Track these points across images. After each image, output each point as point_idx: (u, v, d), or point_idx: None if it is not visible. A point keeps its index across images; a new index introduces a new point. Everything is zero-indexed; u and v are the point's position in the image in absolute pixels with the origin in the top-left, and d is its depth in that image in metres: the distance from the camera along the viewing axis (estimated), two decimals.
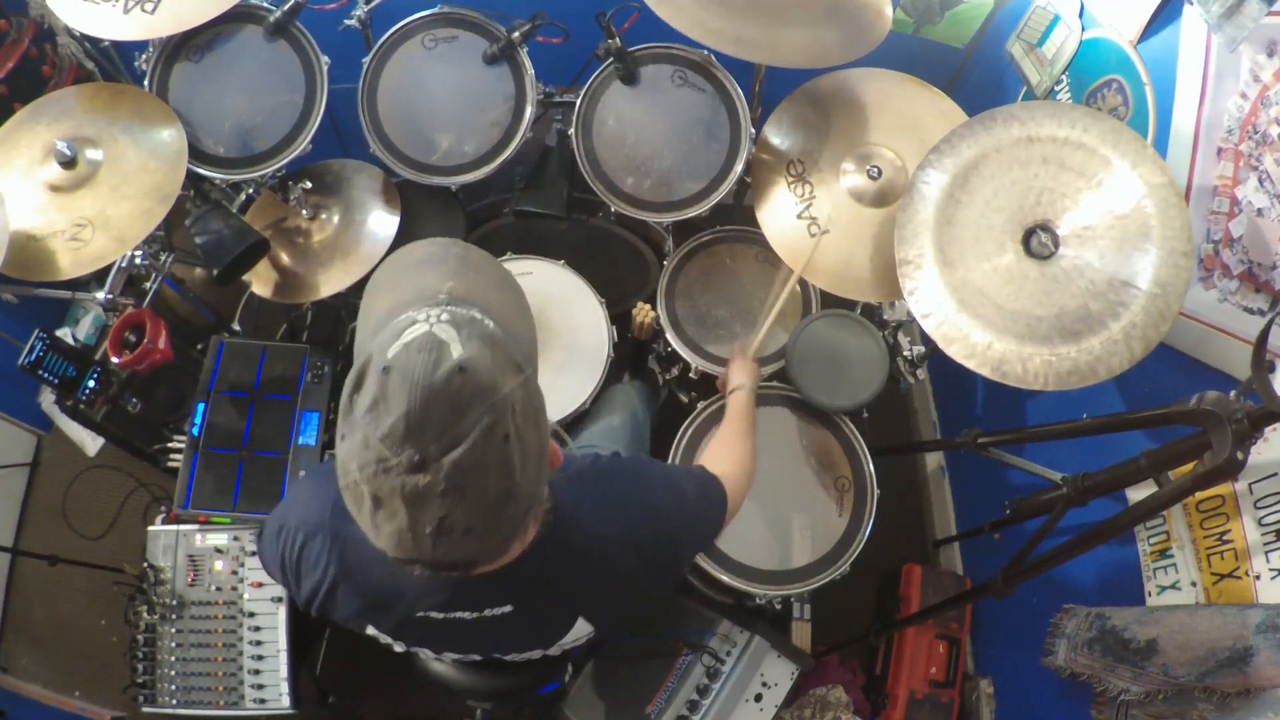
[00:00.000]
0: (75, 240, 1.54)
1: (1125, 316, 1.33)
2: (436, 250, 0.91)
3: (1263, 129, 1.27)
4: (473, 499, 0.69)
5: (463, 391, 0.68)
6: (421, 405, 0.67)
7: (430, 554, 0.71)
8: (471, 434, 0.67)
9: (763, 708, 1.69)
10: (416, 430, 0.67)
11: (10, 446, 2.39)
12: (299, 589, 0.99)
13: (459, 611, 0.92)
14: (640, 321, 1.90)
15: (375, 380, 0.69)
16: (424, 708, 2.14)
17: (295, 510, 0.99)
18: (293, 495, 1.04)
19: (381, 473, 0.68)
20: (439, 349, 0.69)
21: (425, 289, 0.79)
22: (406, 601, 0.92)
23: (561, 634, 1.01)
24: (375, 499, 0.69)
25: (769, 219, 1.70)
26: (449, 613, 0.92)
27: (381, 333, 0.74)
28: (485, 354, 0.71)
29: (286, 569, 0.99)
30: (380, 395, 0.68)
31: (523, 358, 0.76)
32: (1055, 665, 1.60)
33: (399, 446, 0.67)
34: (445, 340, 0.70)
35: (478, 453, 0.68)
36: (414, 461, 0.67)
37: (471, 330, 0.72)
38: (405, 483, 0.67)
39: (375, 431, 0.68)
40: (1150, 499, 1.23)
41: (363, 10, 1.79)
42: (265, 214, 1.86)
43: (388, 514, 0.69)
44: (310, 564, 0.96)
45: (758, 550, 1.67)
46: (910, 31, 2.11)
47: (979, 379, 2.11)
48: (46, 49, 2.08)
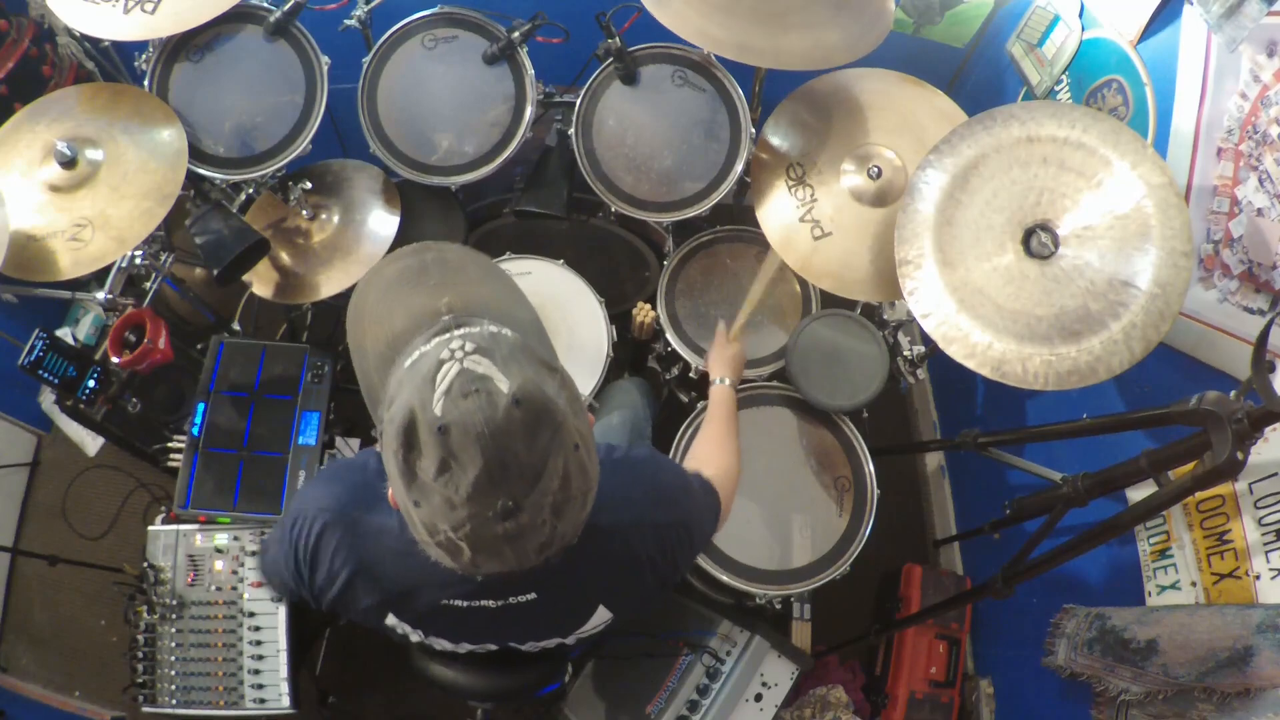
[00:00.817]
0: (75, 240, 1.54)
1: (1125, 316, 1.33)
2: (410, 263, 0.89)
3: (1263, 129, 1.27)
4: (569, 511, 0.71)
5: (526, 424, 0.68)
6: (497, 455, 0.67)
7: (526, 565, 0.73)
8: (549, 459, 0.68)
9: (763, 708, 1.69)
10: (500, 477, 0.67)
11: (10, 446, 2.39)
12: (313, 579, 0.97)
13: (484, 600, 0.92)
14: (640, 321, 1.90)
15: (434, 441, 0.68)
16: (424, 708, 2.14)
17: (312, 502, 0.97)
18: (304, 493, 1.03)
19: (479, 526, 0.68)
20: (485, 386, 0.68)
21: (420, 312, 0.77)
22: (430, 591, 0.92)
23: (582, 622, 1.02)
24: (475, 548, 0.70)
25: (772, 224, 1.70)
26: (474, 601, 0.92)
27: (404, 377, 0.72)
28: (527, 373, 0.70)
29: (300, 561, 0.97)
30: (448, 455, 0.67)
31: (546, 352, 0.77)
32: (1055, 665, 1.60)
33: (489, 499, 0.67)
34: (485, 375, 0.69)
35: (561, 472, 0.69)
36: (509, 508, 0.67)
37: (502, 350, 0.71)
38: (506, 529, 0.68)
39: (457, 493, 0.67)
40: (1150, 499, 1.23)
41: (363, 10, 1.79)
42: (265, 214, 1.86)
43: (489, 555, 0.70)
44: (328, 553, 0.95)
45: (758, 550, 1.67)
46: (910, 31, 2.11)
47: (979, 379, 2.11)
48: (46, 49, 2.08)
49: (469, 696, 1.26)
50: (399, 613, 0.98)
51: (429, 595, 0.93)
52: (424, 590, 0.93)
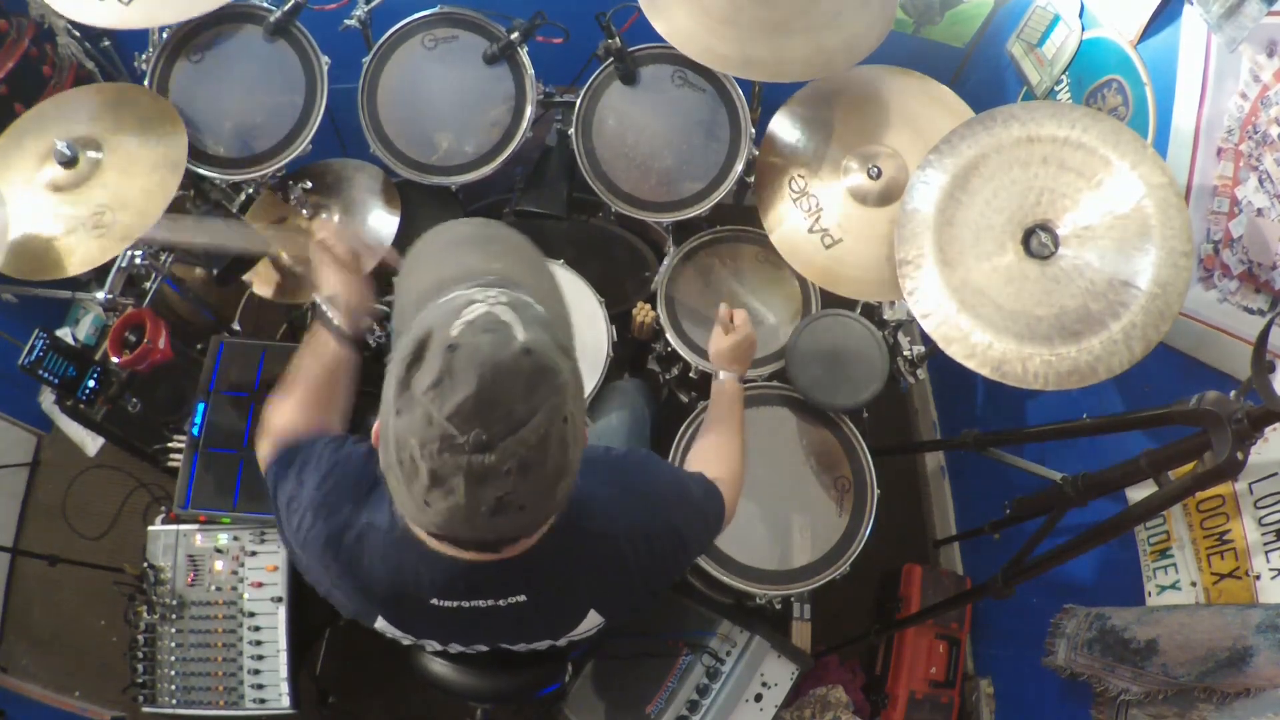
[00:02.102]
0: (99, 227, 1.54)
1: (1125, 316, 1.33)
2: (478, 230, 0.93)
3: (1263, 129, 1.27)
4: (534, 476, 0.70)
5: (530, 373, 0.69)
6: (491, 384, 0.68)
7: (478, 531, 0.72)
8: (538, 414, 0.69)
9: (763, 708, 1.69)
10: (486, 409, 0.67)
11: (10, 446, 2.39)
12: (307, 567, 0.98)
13: (474, 600, 0.92)
14: (640, 321, 1.90)
15: (439, 357, 0.69)
16: (424, 708, 2.14)
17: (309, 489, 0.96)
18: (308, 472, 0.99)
19: (446, 450, 0.68)
20: (504, 330, 0.70)
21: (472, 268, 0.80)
22: (418, 589, 0.92)
23: (572, 625, 1.01)
24: (434, 475, 0.69)
25: (783, 241, 1.69)
26: (463, 601, 0.92)
27: (434, 308, 0.74)
28: (545, 338, 0.72)
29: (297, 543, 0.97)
30: (446, 372, 0.68)
31: (568, 342, 0.79)
32: (1055, 665, 1.60)
33: (466, 425, 0.67)
34: (508, 322, 0.71)
35: (544, 431, 0.69)
36: (481, 441, 0.67)
37: (529, 314, 0.73)
38: (471, 461, 0.68)
39: (440, 409, 0.68)
40: (1150, 499, 1.23)
41: (363, 10, 1.79)
42: (265, 213, 1.86)
43: (444, 491, 0.69)
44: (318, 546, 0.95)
45: (758, 550, 1.67)
46: (910, 31, 2.11)
47: (979, 379, 2.11)
48: (46, 49, 2.08)
49: (469, 697, 1.26)
50: (386, 614, 0.97)
51: (417, 594, 0.92)
52: (412, 588, 0.92)
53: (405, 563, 0.90)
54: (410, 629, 1.00)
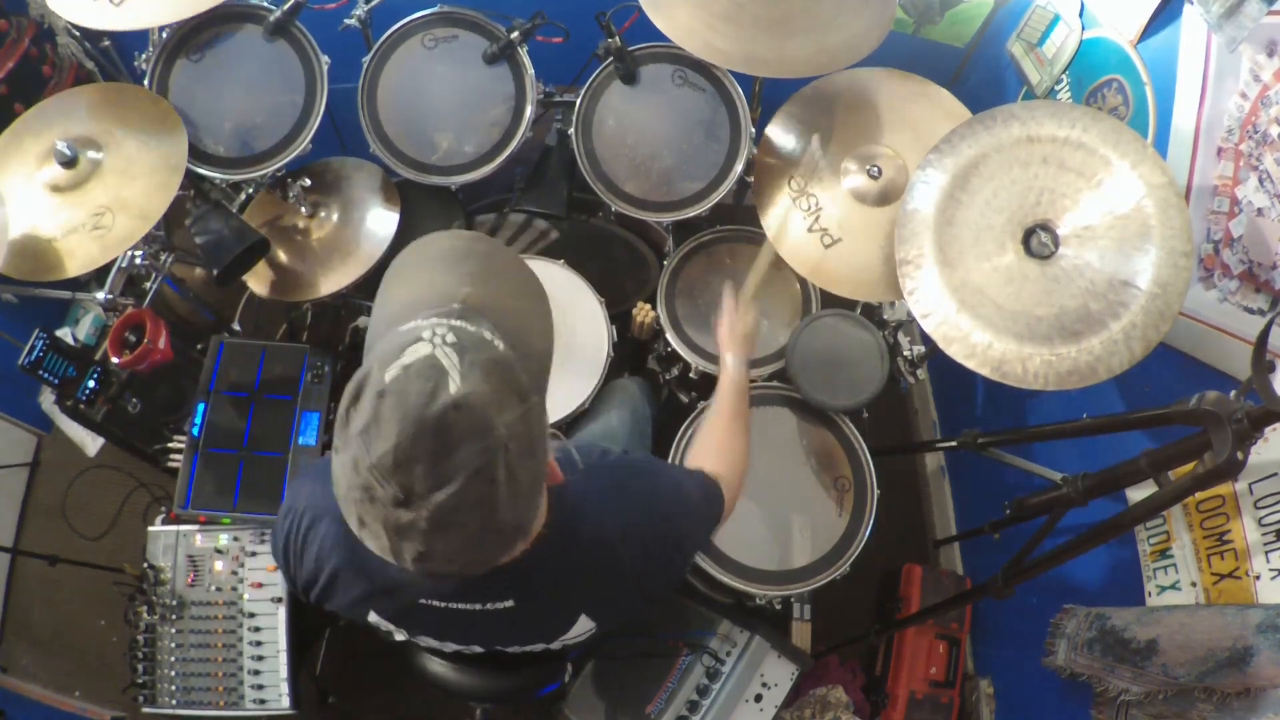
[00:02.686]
0: (99, 228, 1.55)
1: (1125, 316, 1.33)
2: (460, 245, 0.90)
3: (1263, 129, 1.27)
4: (454, 536, 0.69)
5: (455, 429, 0.67)
6: (411, 440, 0.66)
7: (413, 574, 0.73)
8: (458, 476, 0.67)
9: (763, 708, 1.69)
10: (405, 465, 0.66)
11: (10, 446, 2.39)
12: (300, 570, 0.99)
13: (461, 603, 0.92)
14: (640, 321, 1.90)
15: (371, 402, 0.68)
16: (424, 708, 2.14)
17: (305, 493, 0.99)
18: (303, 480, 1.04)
19: (367, 500, 0.68)
20: (437, 379, 0.68)
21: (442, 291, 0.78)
22: (409, 589, 0.93)
23: (564, 630, 1.01)
24: (360, 520, 0.71)
25: (782, 240, 1.69)
26: (451, 603, 0.92)
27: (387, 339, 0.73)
28: (484, 388, 0.69)
29: (290, 551, 0.98)
30: (373, 420, 0.67)
31: (530, 382, 0.74)
32: (1055, 665, 1.60)
33: (386, 478, 0.67)
34: (446, 369, 0.68)
35: (462, 495, 0.67)
36: (398, 498, 0.67)
37: (476, 357, 0.70)
38: (389, 515, 0.68)
39: (365, 458, 0.67)
40: (1150, 499, 1.23)
41: (363, 10, 1.79)
42: (264, 211, 1.86)
43: (372, 535, 0.71)
44: (315, 545, 0.96)
45: (758, 550, 1.67)
46: (910, 31, 2.11)
47: (979, 379, 2.11)
48: (46, 49, 2.09)
49: (468, 697, 1.26)
50: (379, 609, 0.98)
51: (408, 592, 0.93)
52: (403, 587, 0.93)
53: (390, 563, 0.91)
54: (402, 624, 1.00)
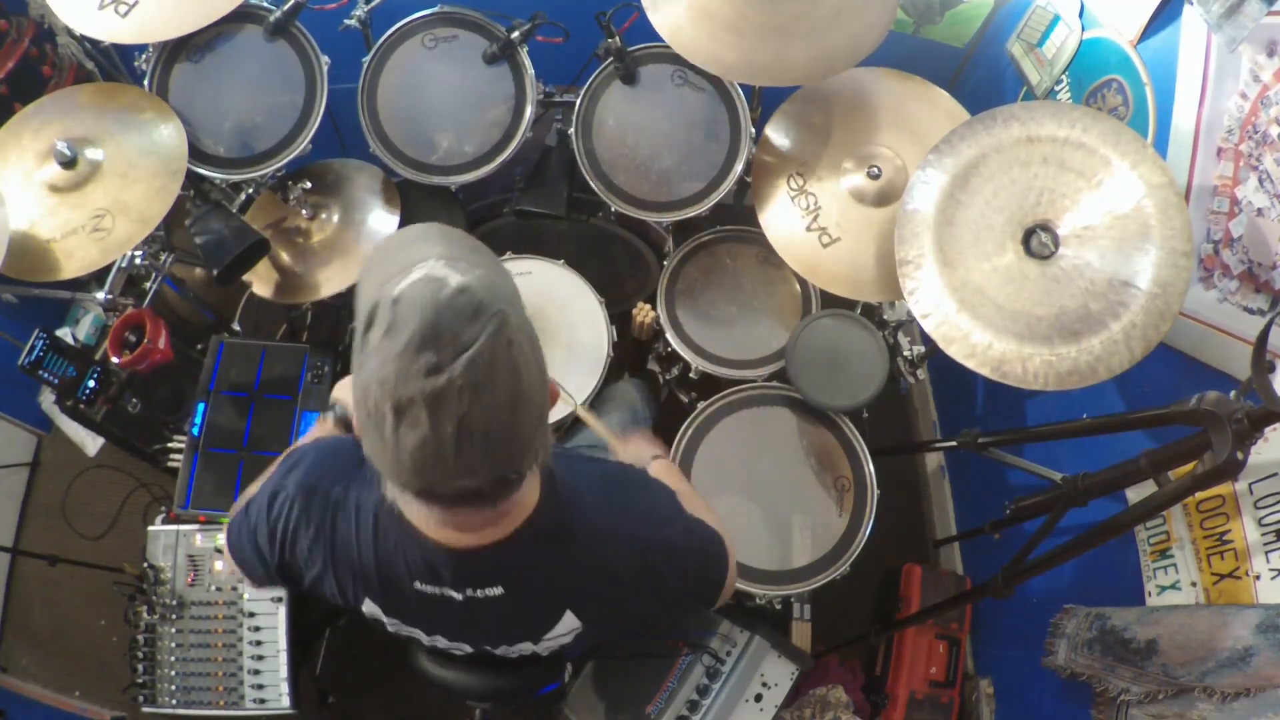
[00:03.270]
0: (98, 231, 1.55)
1: (1125, 316, 1.33)
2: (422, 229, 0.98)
3: (1263, 129, 1.27)
4: (487, 396, 0.73)
5: (467, 306, 0.74)
6: (433, 319, 0.73)
7: (455, 462, 0.74)
8: (480, 337, 0.73)
9: (763, 708, 1.69)
10: (430, 340, 0.72)
11: (10, 446, 2.39)
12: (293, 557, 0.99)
13: (453, 589, 0.93)
14: (640, 321, 1.90)
15: (387, 312, 0.75)
16: (424, 708, 2.14)
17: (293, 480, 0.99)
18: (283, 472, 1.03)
19: (401, 381, 0.72)
20: (441, 280, 0.76)
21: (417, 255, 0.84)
22: (401, 573, 0.93)
23: (548, 626, 1.01)
24: (397, 410, 0.73)
25: (779, 237, 1.70)
26: (442, 589, 0.93)
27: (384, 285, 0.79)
28: (482, 279, 0.78)
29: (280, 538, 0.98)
30: (393, 322, 0.74)
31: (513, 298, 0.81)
32: (1055, 665, 1.60)
33: (415, 356, 0.72)
34: (443, 275, 0.76)
35: (488, 353, 0.73)
36: (431, 364, 0.72)
37: (464, 267, 0.79)
38: (424, 385, 0.72)
39: (392, 350, 0.73)
40: (1150, 499, 1.23)
41: (363, 10, 1.79)
42: (265, 214, 1.86)
43: (410, 423, 0.73)
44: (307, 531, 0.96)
45: (758, 550, 1.67)
46: (910, 31, 2.11)
47: (979, 379, 2.11)
48: (46, 49, 2.08)
49: (468, 696, 1.26)
50: (374, 597, 0.98)
51: (400, 576, 0.94)
52: (396, 570, 0.94)
53: (390, 543, 0.93)
54: (396, 614, 1.01)
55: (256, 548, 1.01)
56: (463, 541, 0.89)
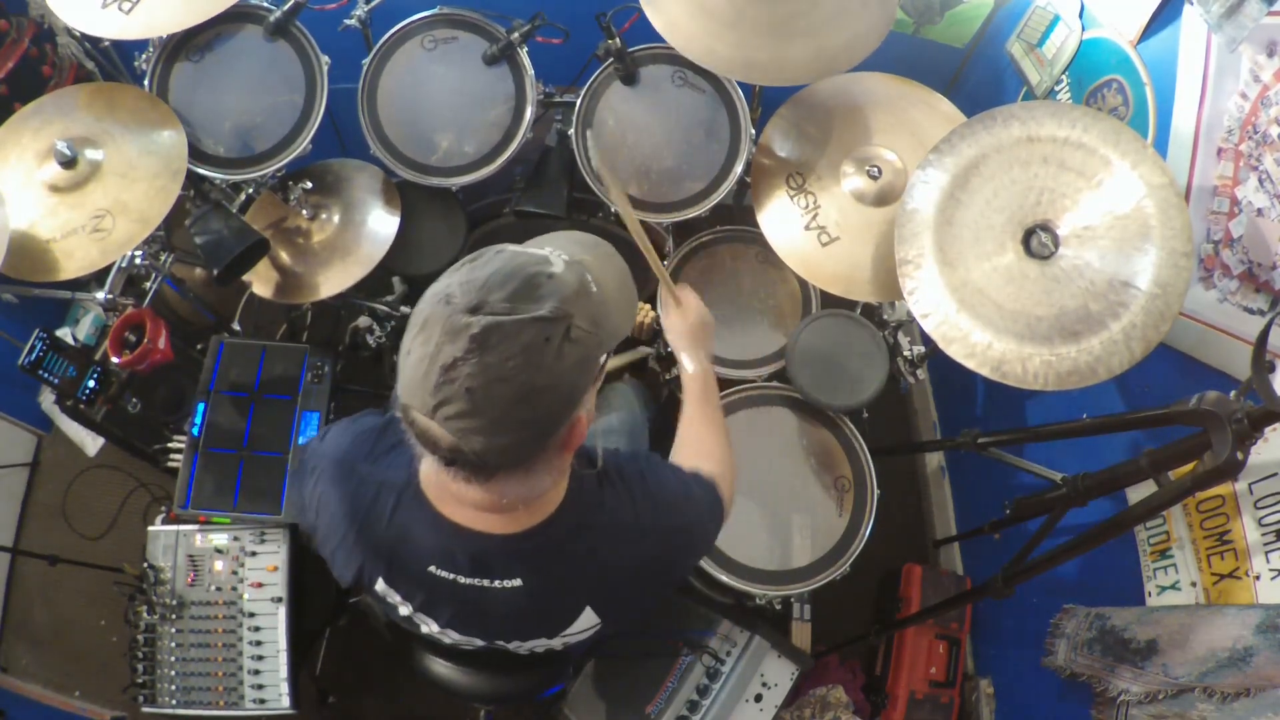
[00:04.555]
0: (98, 231, 1.55)
1: (1125, 316, 1.33)
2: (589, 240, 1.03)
3: (1263, 129, 1.27)
4: (488, 361, 0.74)
5: (541, 286, 0.77)
6: (506, 274, 0.77)
7: (430, 393, 0.75)
8: (525, 314, 0.75)
9: (763, 708, 1.70)
10: (490, 287, 0.76)
11: (10, 446, 2.39)
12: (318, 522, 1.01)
13: (470, 577, 0.93)
14: (640, 321, 1.90)
15: (490, 251, 0.81)
16: (424, 708, 2.14)
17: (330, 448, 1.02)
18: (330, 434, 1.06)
19: (443, 303, 0.77)
20: (545, 260, 0.81)
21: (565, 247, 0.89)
22: (418, 554, 0.94)
23: (567, 623, 1.01)
24: (425, 322, 0.77)
25: (777, 236, 1.69)
26: (459, 575, 0.93)
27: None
28: (575, 285, 0.81)
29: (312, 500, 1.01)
30: (485, 259, 0.80)
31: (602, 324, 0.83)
32: (1055, 665, 1.60)
33: (469, 291, 0.76)
34: (552, 261, 0.81)
35: (518, 329, 0.75)
36: (470, 304, 0.75)
37: (577, 271, 0.83)
38: (454, 317, 0.75)
39: (461, 276, 0.78)
40: (1150, 499, 1.23)
41: (363, 10, 1.79)
42: (265, 214, 1.86)
43: (424, 338, 0.76)
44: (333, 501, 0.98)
45: (758, 550, 1.67)
46: (910, 32, 2.11)
47: (979, 379, 2.11)
48: (46, 49, 2.08)
49: (472, 698, 1.26)
50: (388, 576, 0.98)
51: (416, 559, 0.94)
52: (412, 552, 0.94)
53: (411, 523, 0.93)
54: (408, 596, 1.00)
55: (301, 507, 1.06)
56: (476, 523, 0.89)
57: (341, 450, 1.00)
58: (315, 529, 1.02)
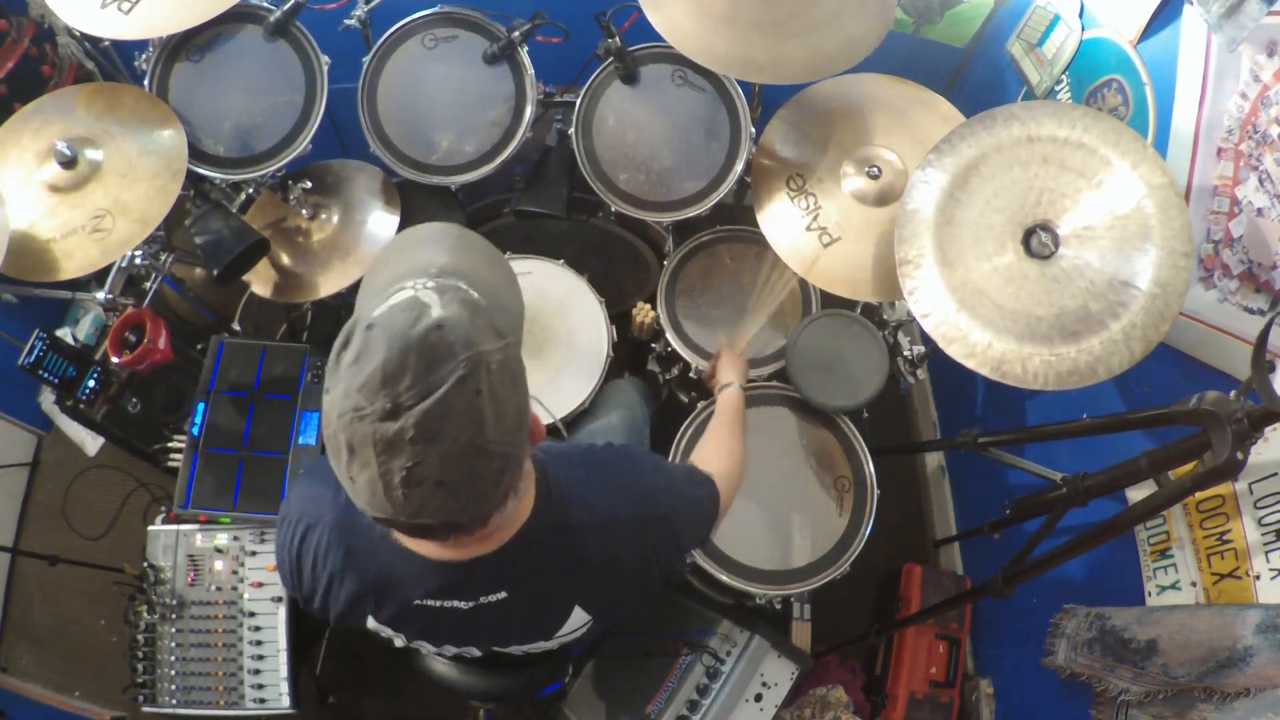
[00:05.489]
0: (98, 231, 1.55)
1: (1125, 316, 1.33)
2: (435, 230, 0.98)
3: (1263, 129, 1.27)
4: (442, 448, 0.71)
5: (438, 346, 0.71)
6: (399, 356, 0.71)
7: (403, 507, 0.73)
8: (444, 385, 0.70)
9: (763, 708, 1.70)
10: (392, 379, 0.70)
11: (10, 446, 2.39)
12: (300, 581, 1.00)
13: (454, 600, 0.92)
14: (640, 321, 1.90)
15: (360, 337, 0.74)
16: (424, 708, 2.14)
17: (296, 504, 1.00)
18: (296, 487, 1.05)
19: (357, 420, 0.71)
20: (420, 309, 0.74)
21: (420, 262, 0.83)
22: (404, 589, 0.93)
23: (559, 624, 1.01)
24: (350, 447, 0.72)
25: (778, 237, 1.69)
26: (445, 600, 0.92)
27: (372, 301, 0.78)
28: (464, 315, 0.75)
29: (288, 562, 0.99)
30: (363, 349, 0.73)
31: (505, 326, 0.79)
32: (1055, 665, 1.60)
33: (374, 395, 0.70)
34: (427, 303, 0.74)
35: (449, 403, 0.70)
36: (386, 409, 0.70)
37: (454, 296, 0.76)
38: (377, 430, 0.70)
39: (355, 381, 0.71)
40: (1150, 499, 1.23)
41: (363, 10, 1.79)
42: (265, 214, 1.86)
43: (361, 463, 0.72)
44: (310, 554, 0.97)
45: (758, 550, 1.67)
46: (910, 31, 2.11)
47: (979, 379, 2.11)
48: (46, 49, 2.08)
49: (471, 697, 1.26)
50: (376, 614, 0.98)
51: (401, 593, 0.93)
52: (396, 587, 0.93)
53: (388, 562, 0.92)
54: (400, 628, 1.00)
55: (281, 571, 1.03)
56: (457, 554, 0.88)
57: (309, 503, 0.98)
58: (296, 586, 1.01)
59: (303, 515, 0.98)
